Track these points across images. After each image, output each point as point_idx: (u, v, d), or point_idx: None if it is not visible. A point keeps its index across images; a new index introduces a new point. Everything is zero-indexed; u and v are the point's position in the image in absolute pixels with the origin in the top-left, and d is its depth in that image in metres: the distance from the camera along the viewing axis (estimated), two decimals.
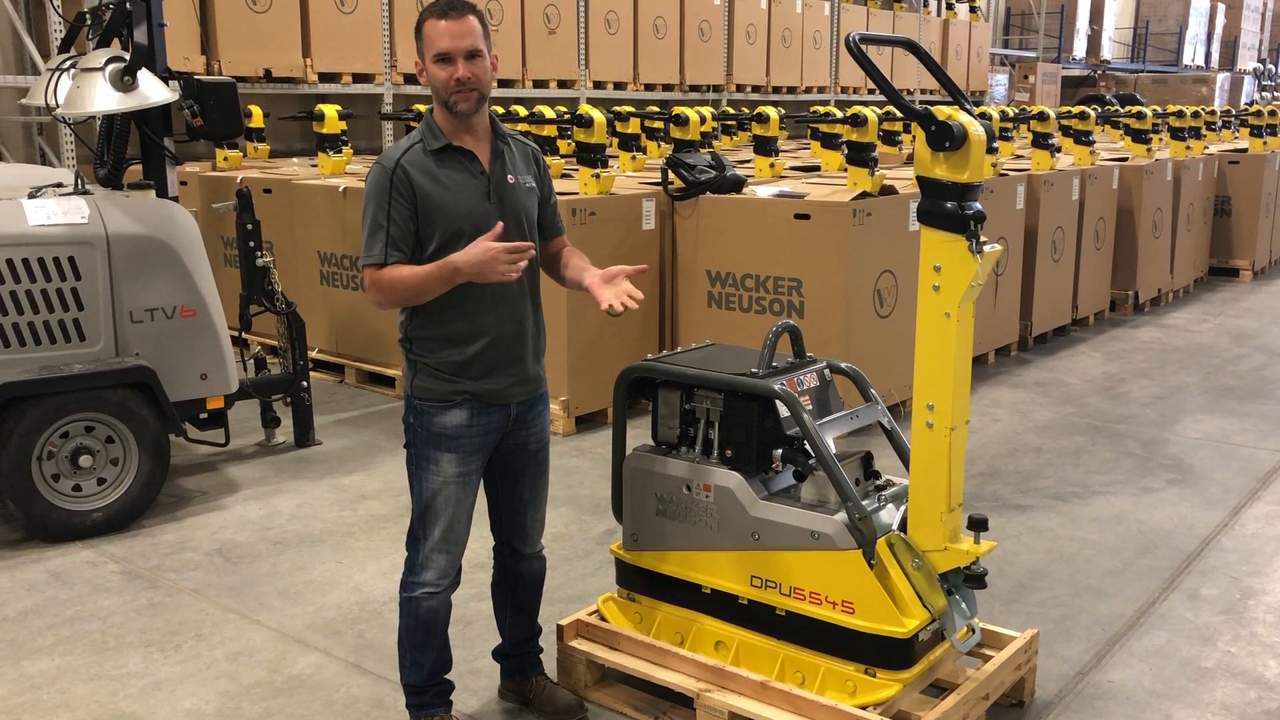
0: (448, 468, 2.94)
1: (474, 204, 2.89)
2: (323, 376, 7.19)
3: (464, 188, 2.89)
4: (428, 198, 2.85)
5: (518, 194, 2.97)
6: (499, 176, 2.94)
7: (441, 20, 2.80)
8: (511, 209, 2.94)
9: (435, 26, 2.81)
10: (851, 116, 6.51)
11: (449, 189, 2.87)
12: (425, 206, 2.85)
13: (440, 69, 2.82)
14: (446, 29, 2.80)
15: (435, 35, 2.81)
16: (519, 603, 3.28)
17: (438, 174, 2.87)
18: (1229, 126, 13.42)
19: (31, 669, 3.61)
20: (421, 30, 2.84)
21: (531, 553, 3.25)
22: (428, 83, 2.88)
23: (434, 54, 2.81)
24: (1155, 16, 25.79)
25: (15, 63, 8.75)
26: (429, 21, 2.82)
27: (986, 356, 7.67)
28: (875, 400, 3.39)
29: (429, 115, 2.94)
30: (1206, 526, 4.81)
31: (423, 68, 2.88)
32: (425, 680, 3.10)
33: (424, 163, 2.87)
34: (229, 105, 5.17)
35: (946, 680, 3.24)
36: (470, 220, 2.87)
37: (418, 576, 3.01)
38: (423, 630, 3.04)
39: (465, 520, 3.01)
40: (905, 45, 3.18)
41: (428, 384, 2.95)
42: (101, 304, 4.72)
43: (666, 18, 12.84)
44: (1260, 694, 3.47)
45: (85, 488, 4.67)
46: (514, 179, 2.97)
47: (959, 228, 2.81)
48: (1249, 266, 11.41)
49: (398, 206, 2.83)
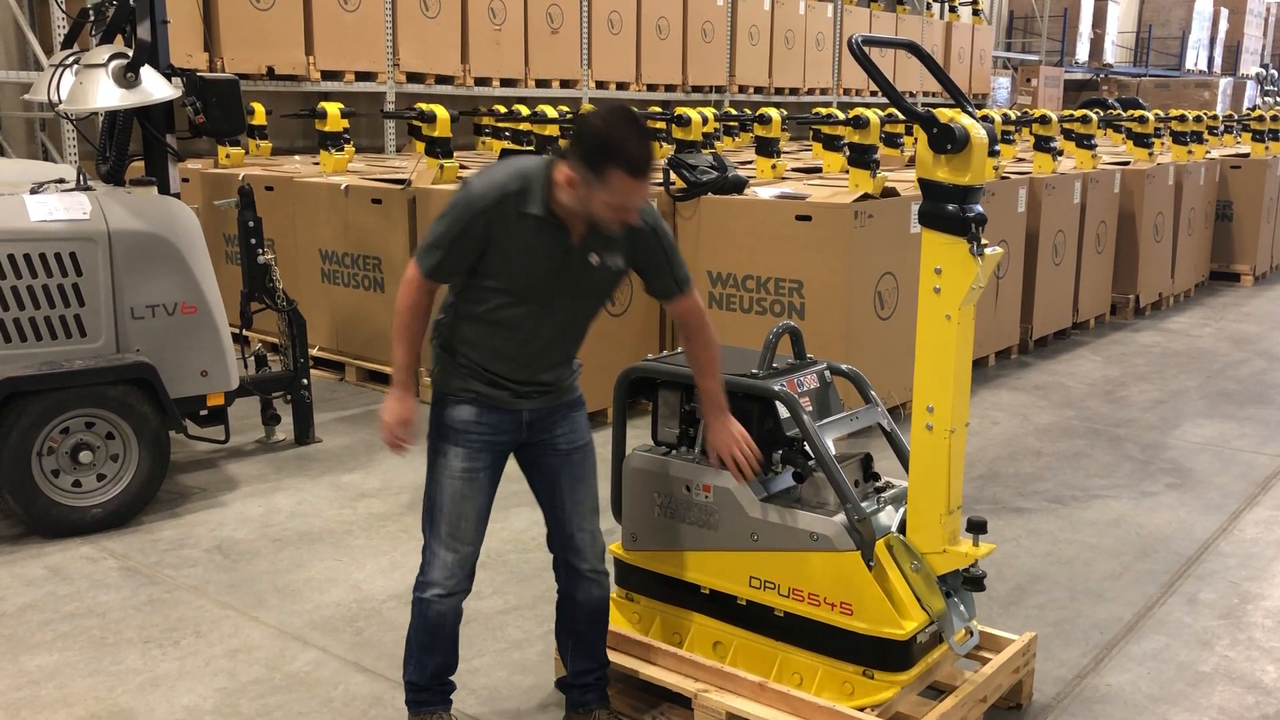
0: (454, 462, 2.94)
1: (540, 274, 2.81)
2: (323, 374, 7.19)
3: (539, 258, 2.79)
4: (500, 251, 2.77)
5: (593, 274, 2.86)
6: (581, 255, 2.82)
7: (633, 179, 2.64)
8: (580, 288, 2.87)
9: (625, 181, 2.63)
10: (854, 118, 6.51)
11: (525, 254, 2.78)
12: (493, 256, 2.78)
13: (610, 210, 2.69)
14: (636, 188, 2.66)
15: (623, 189, 2.64)
16: (578, 631, 3.16)
17: (522, 234, 2.76)
18: (1231, 131, 13.42)
19: (30, 664, 3.62)
20: (605, 178, 2.63)
21: (588, 569, 3.09)
22: (578, 198, 2.68)
23: (613, 201, 2.66)
24: (1158, 21, 25.80)
25: (18, 58, 8.75)
26: (619, 171, 2.62)
27: (987, 359, 7.67)
28: (875, 402, 3.39)
29: (547, 171, 2.75)
30: (1205, 531, 4.81)
31: (576, 184, 2.67)
32: (428, 681, 3.09)
33: (513, 218, 2.75)
34: (231, 102, 5.18)
35: (944, 682, 3.25)
36: (529, 287, 2.82)
37: (427, 575, 3.00)
38: (430, 633, 3.03)
39: (474, 519, 2.98)
40: (907, 47, 3.18)
41: (443, 374, 2.97)
42: (103, 300, 4.72)
43: (669, 18, 12.84)
44: (1258, 698, 3.47)
45: (85, 484, 4.67)
46: (597, 260, 2.84)
47: (960, 230, 2.81)
48: (1250, 271, 11.41)
49: (464, 243, 2.77)
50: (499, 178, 2.78)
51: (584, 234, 2.81)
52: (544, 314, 2.87)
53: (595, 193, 2.66)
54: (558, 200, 2.75)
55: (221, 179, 7.88)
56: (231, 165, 8.27)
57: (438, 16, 10.46)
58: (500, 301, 2.84)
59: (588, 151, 2.65)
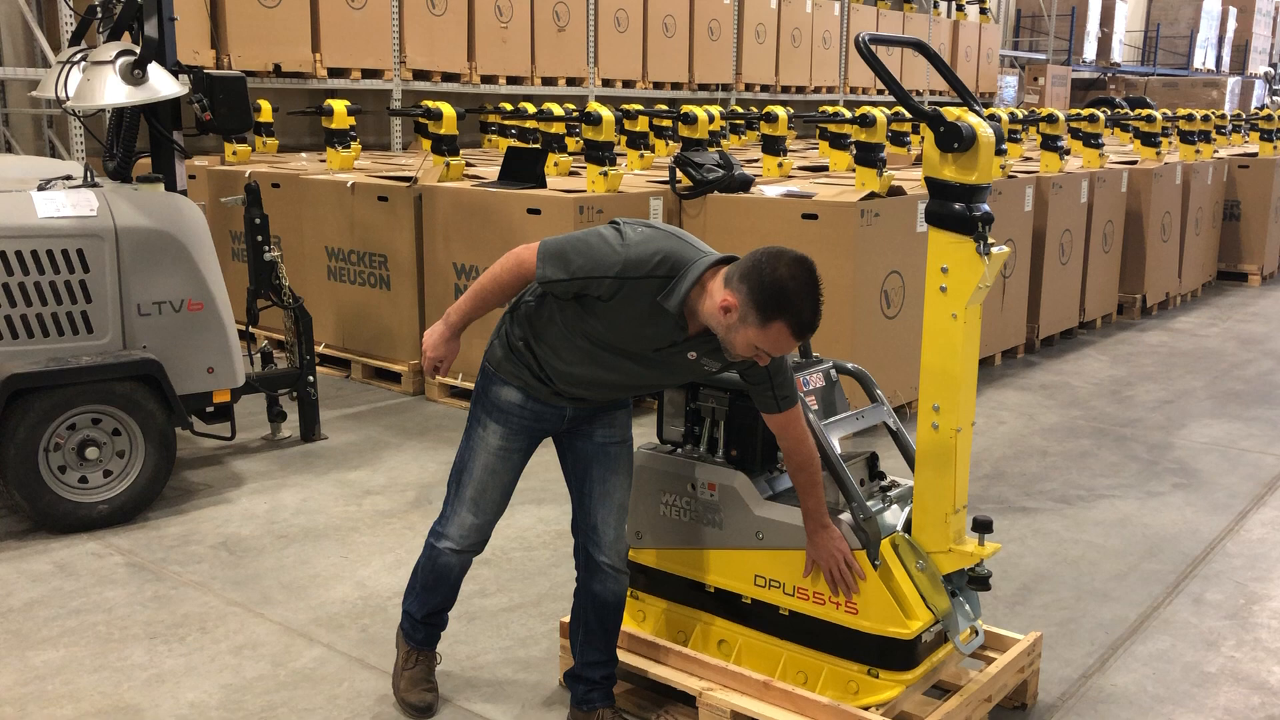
0: (492, 438, 3.04)
1: (641, 343, 2.83)
2: (329, 371, 7.20)
3: (647, 335, 2.80)
4: (615, 312, 2.77)
5: (685, 363, 2.87)
6: (683, 350, 2.82)
7: (794, 338, 2.65)
8: (665, 365, 2.89)
9: (785, 337, 2.63)
10: (860, 117, 6.50)
11: (638, 325, 2.78)
12: (609, 311, 2.77)
13: (749, 350, 2.68)
14: (791, 345, 2.68)
15: (779, 342, 2.64)
16: (589, 623, 3.17)
17: (641, 311, 2.75)
18: (1239, 130, 13.39)
19: (36, 660, 3.63)
20: (769, 326, 2.61)
21: (606, 561, 3.08)
22: (728, 326, 2.66)
23: (763, 347, 2.65)
24: (1166, 20, 25.74)
25: (26, 55, 8.76)
26: (785, 327, 2.62)
27: (993, 359, 7.66)
28: (881, 401, 3.39)
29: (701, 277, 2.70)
30: (1212, 531, 4.81)
31: (733, 313, 2.63)
32: (423, 615, 3.30)
33: (644, 297, 2.72)
34: (238, 100, 5.18)
35: (949, 682, 3.24)
36: (626, 347, 2.84)
37: (443, 527, 3.16)
38: (436, 576, 3.21)
39: (498, 492, 3.10)
40: (914, 46, 3.17)
41: (499, 357, 3.03)
42: (109, 297, 4.73)
43: (676, 16, 12.83)
44: (1264, 699, 3.46)
45: (91, 480, 4.68)
46: (694, 356, 2.84)
47: (967, 229, 2.81)
48: (1258, 271, 11.39)
49: (590, 287, 2.74)
50: (657, 255, 2.71)
51: (698, 334, 2.79)
52: (624, 367, 2.90)
53: (748, 330, 2.64)
54: (695, 309, 2.72)
55: (228, 176, 7.89)
56: (238, 162, 8.28)
57: (444, 14, 10.46)
58: (594, 338, 2.86)
59: (762, 294, 2.60)
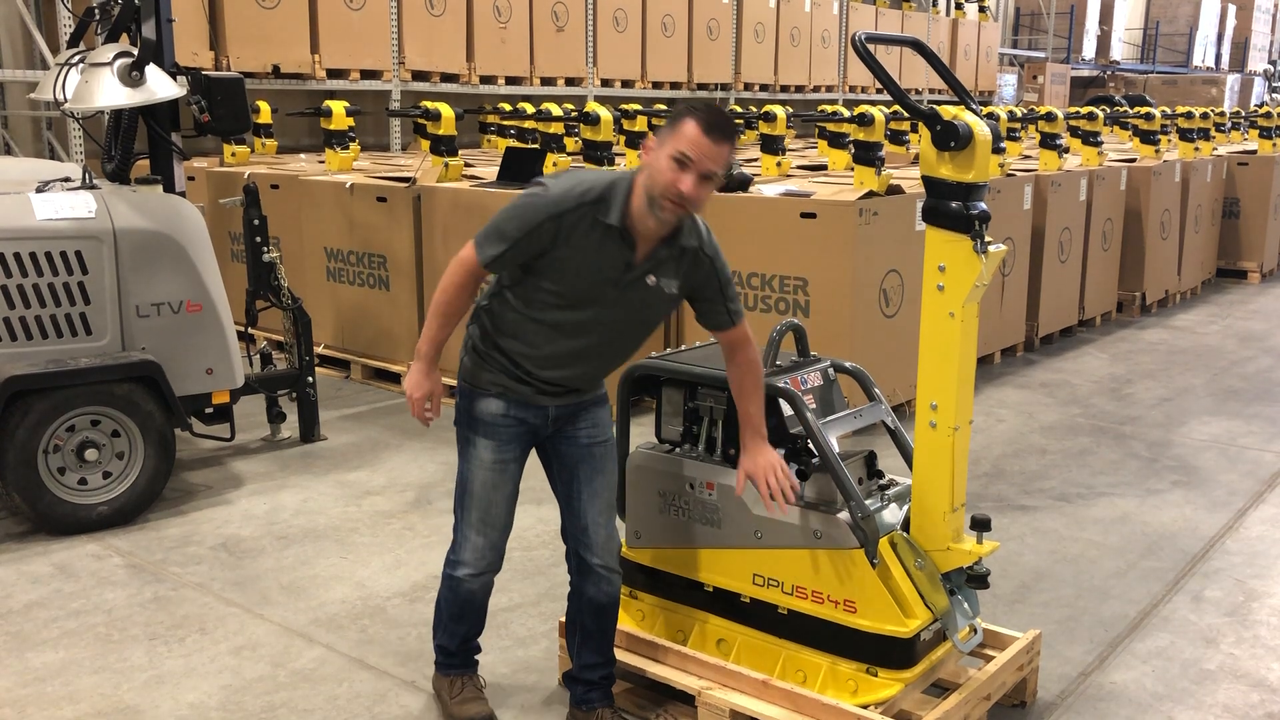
0: (484, 453, 3.03)
1: (597, 285, 2.86)
2: (328, 372, 7.20)
3: (600, 268, 2.83)
4: (562, 258, 2.81)
5: (647, 294, 2.90)
6: (640, 273, 2.87)
7: (705, 136, 2.69)
8: (630, 305, 2.91)
9: (696, 135, 2.68)
10: (858, 116, 6.50)
11: (587, 265, 2.82)
12: (554, 260, 2.82)
13: (672, 169, 2.71)
14: (704, 143, 2.69)
15: (691, 140, 2.69)
16: (585, 626, 3.18)
17: (589, 245, 2.80)
18: (1238, 128, 13.40)
19: (36, 661, 3.63)
20: (680, 124, 2.71)
21: (599, 563, 3.10)
22: (649, 165, 2.76)
23: (677, 152, 2.70)
24: (1165, 17, 25.74)
25: (24, 58, 8.76)
26: (692, 124, 2.69)
27: (992, 357, 7.66)
28: (879, 399, 3.39)
29: (632, 180, 2.81)
30: (1211, 528, 4.81)
31: (652, 148, 2.76)
32: (457, 646, 3.26)
33: (585, 227, 2.79)
34: (237, 101, 5.18)
35: (948, 680, 3.24)
36: (585, 294, 2.87)
37: (457, 555, 3.13)
38: (460, 605, 3.19)
39: (503, 506, 3.08)
40: (911, 45, 3.18)
41: (472, 368, 3.03)
42: (108, 298, 4.74)
43: (675, 16, 12.83)
44: (1263, 696, 3.47)
45: (91, 481, 4.68)
46: (654, 281, 2.89)
47: (964, 228, 2.81)
48: (1257, 268, 11.39)
49: (530, 242, 2.80)
50: (580, 185, 2.81)
51: (648, 254, 2.86)
52: (591, 324, 2.91)
53: (663, 149, 2.73)
54: (634, 212, 2.79)
55: (227, 177, 7.89)
56: (237, 163, 8.28)
57: (443, 15, 10.46)
58: (552, 303, 2.88)
59: (669, 118, 2.77)
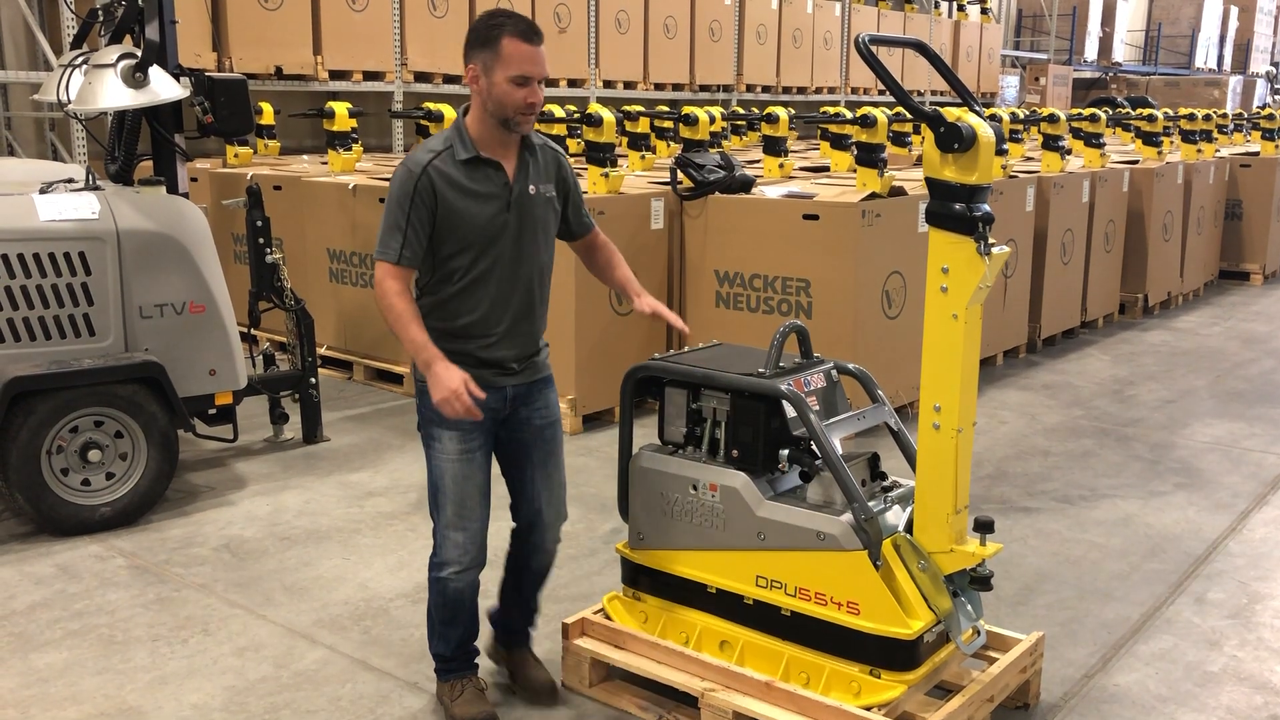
0: (449, 444, 3.05)
1: (492, 216, 2.97)
2: (331, 373, 7.20)
3: (486, 200, 2.95)
4: (449, 207, 2.92)
5: (536, 206, 3.04)
6: (521, 188, 3.01)
7: (526, 44, 2.85)
8: (529, 223, 3.03)
9: (520, 48, 2.84)
10: (861, 117, 6.50)
11: (471, 200, 2.94)
12: (445, 215, 2.92)
13: (516, 89, 2.86)
14: (530, 54, 2.85)
15: (519, 57, 2.84)
16: (524, 591, 3.37)
17: (463, 183, 2.93)
18: (1241, 130, 13.38)
19: (39, 662, 3.63)
20: (498, 46, 2.85)
21: (550, 540, 3.28)
22: (484, 93, 2.90)
23: (513, 74, 2.85)
24: (1168, 19, 25.71)
25: (28, 59, 8.78)
26: (511, 40, 2.84)
27: (995, 358, 7.66)
28: (882, 401, 3.39)
29: (461, 122, 2.98)
30: (1214, 531, 4.80)
31: (478, 76, 2.89)
32: (453, 651, 3.27)
33: (450, 171, 2.93)
34: (240, 102, 5.19)
35: (951, 682, 3.24)
36: (485, 233, 2.96)
37: (440, 555, 3.14)
38: (451, 608, 3.19)
39: (477, 498, 3.10)
40: (914, 46, 3.18)
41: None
42: (111, 299, 4.74)
43: (677, 17, 12.83)
44: (1266, 699, 3.46)
45: (94, 482, 4.68)
46: (535, 189, 3.03)
47: (967, 229, 2.81)
48: (1260, 270, 11.38)
49: (418, 211, 2.90)
50: (423, 147, 2.97)
51: (516, 168, 3.00)
52: (505, 258, 2.99)
53: (493, 74, 2.85)
54: (479, 136, 2.94)
55: (230, 178, 7.90)
56: (240, 165, 8.29)
57: (445, 16, 10.47)
58: (465, 263, 2.96)
59: (476, 37, 2.89)
